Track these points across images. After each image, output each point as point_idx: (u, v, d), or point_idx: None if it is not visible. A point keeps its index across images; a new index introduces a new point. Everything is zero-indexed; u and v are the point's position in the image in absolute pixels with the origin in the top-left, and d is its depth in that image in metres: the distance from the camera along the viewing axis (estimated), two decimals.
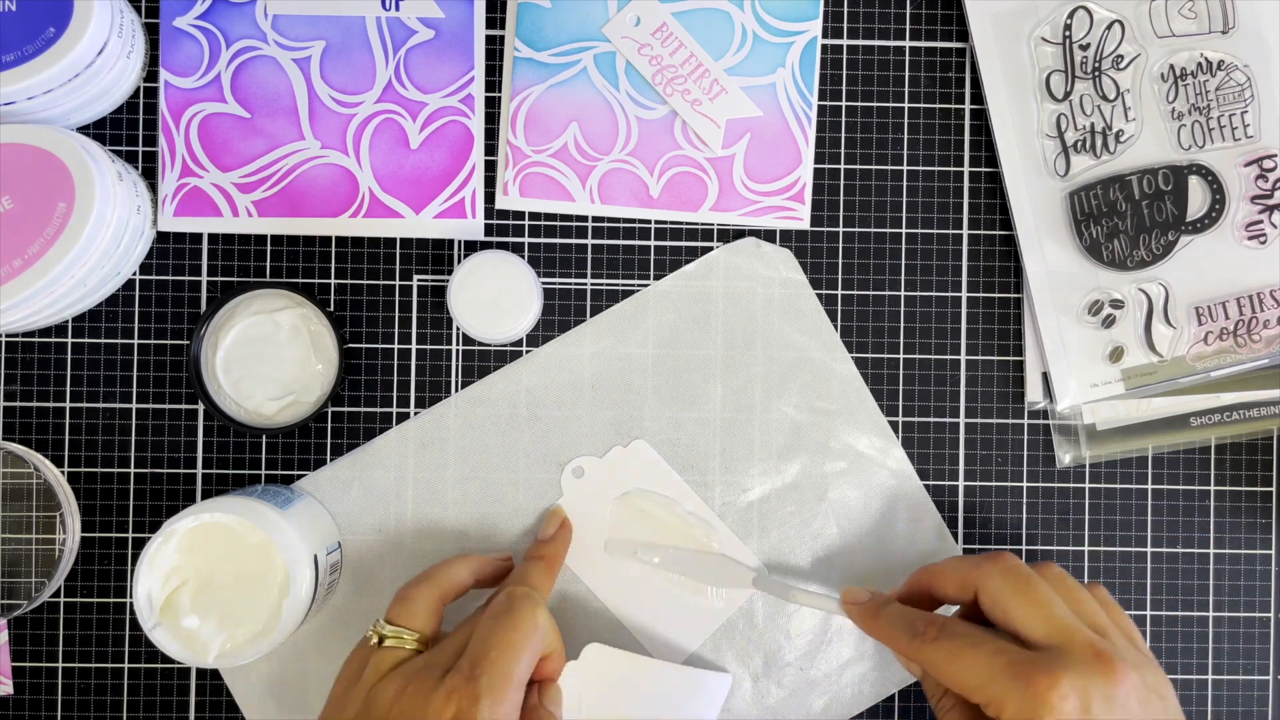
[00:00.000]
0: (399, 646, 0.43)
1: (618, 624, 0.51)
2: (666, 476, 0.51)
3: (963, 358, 0.52)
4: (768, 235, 0.52)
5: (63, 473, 0.51)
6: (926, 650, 0.41)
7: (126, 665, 0.51)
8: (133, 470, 0.51)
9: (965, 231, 0.53)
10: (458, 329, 0.52)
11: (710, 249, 0.52)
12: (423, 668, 0.41)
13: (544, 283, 0.52)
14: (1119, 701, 0.38)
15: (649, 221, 0.52)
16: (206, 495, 0.51)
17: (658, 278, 0.52)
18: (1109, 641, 0.41)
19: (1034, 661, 0.39)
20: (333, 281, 0.52)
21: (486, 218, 0.52)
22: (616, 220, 0.52)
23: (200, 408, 0.51)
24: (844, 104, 0.52)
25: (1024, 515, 0.52)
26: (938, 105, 0.53)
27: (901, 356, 0.52)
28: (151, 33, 0.51)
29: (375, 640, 0.43)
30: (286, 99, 0.51)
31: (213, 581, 0.44)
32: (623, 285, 0.52)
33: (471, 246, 0.52)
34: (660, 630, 0.51)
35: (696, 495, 0.51)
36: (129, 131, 0.51)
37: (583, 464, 0.51)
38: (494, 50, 0.52)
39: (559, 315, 0.52)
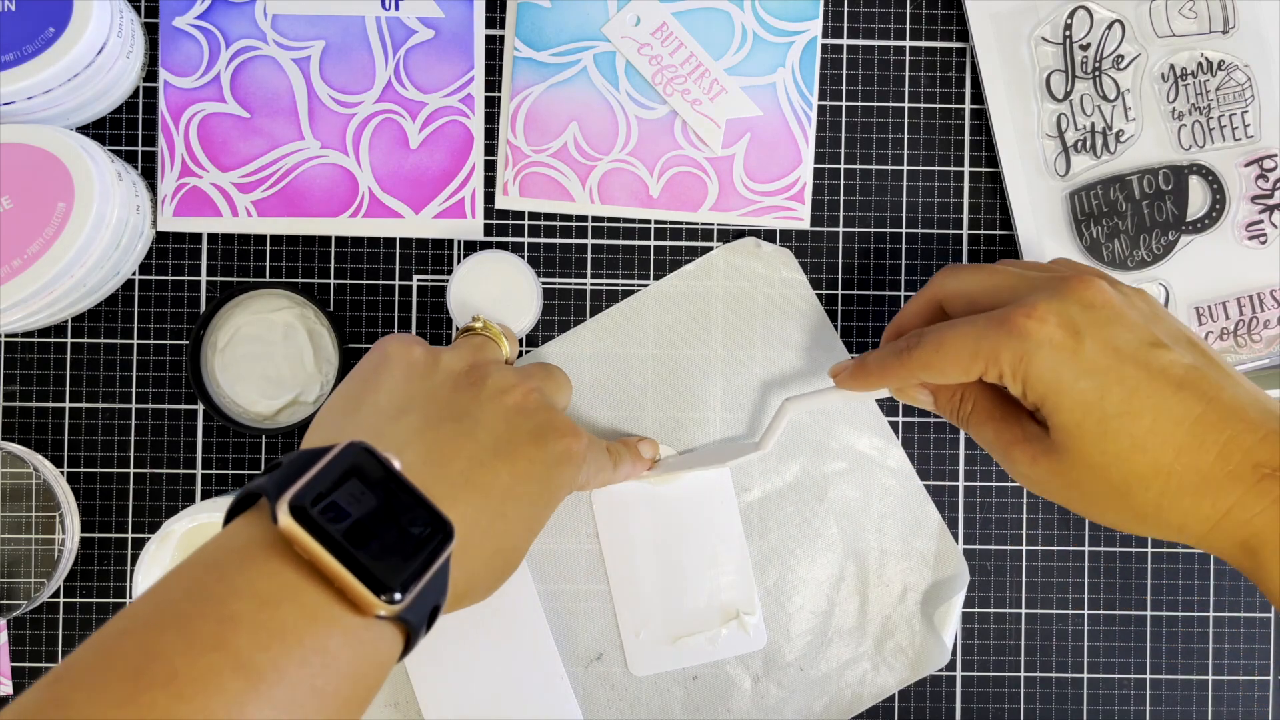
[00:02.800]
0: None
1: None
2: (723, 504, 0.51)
3: None
4: (768, 235, 0.52)
5: (62, 473, 0.51)
6: (916, 357, 0.41)
7: None
8: (132, 470, 0.51)
9: (965, 231, 0.53)
10: (457, 329, 0.52)
11: (710, 249, 0.52)
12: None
13: (544, 283, 0.52)
14: (1099, 308, 0.38)
15: (649, 221, 0.52)
16: (206, 495, 0.51)
17: (658, 278, 0.52)
18: (1073, 270, 0.41)
19: (1008, 308, 0.39)
20: (332, 281, 0.52)
21: (486, 218, 0.52)
22: (616, 220, 0.52)
23: (200, 408, 0.51)
24: (844, 104, 0.52)
25: (1024, 515, 0.52)
26: (938, 105, 0.53)
27: None
28: (151, 32, 0.51)
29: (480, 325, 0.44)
30: (286, 99, 0.51)
31: None
32: (623, 285, 0.52)
33: (471, 246, 0.52)
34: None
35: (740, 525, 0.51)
36: (128, 131, 0.51)
37: (663, 450, 0.51)
38: (494, 50, 0.52)
39: (559, 315, 0.52)
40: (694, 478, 0.51)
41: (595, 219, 0.52)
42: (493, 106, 0.52)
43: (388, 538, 0.31)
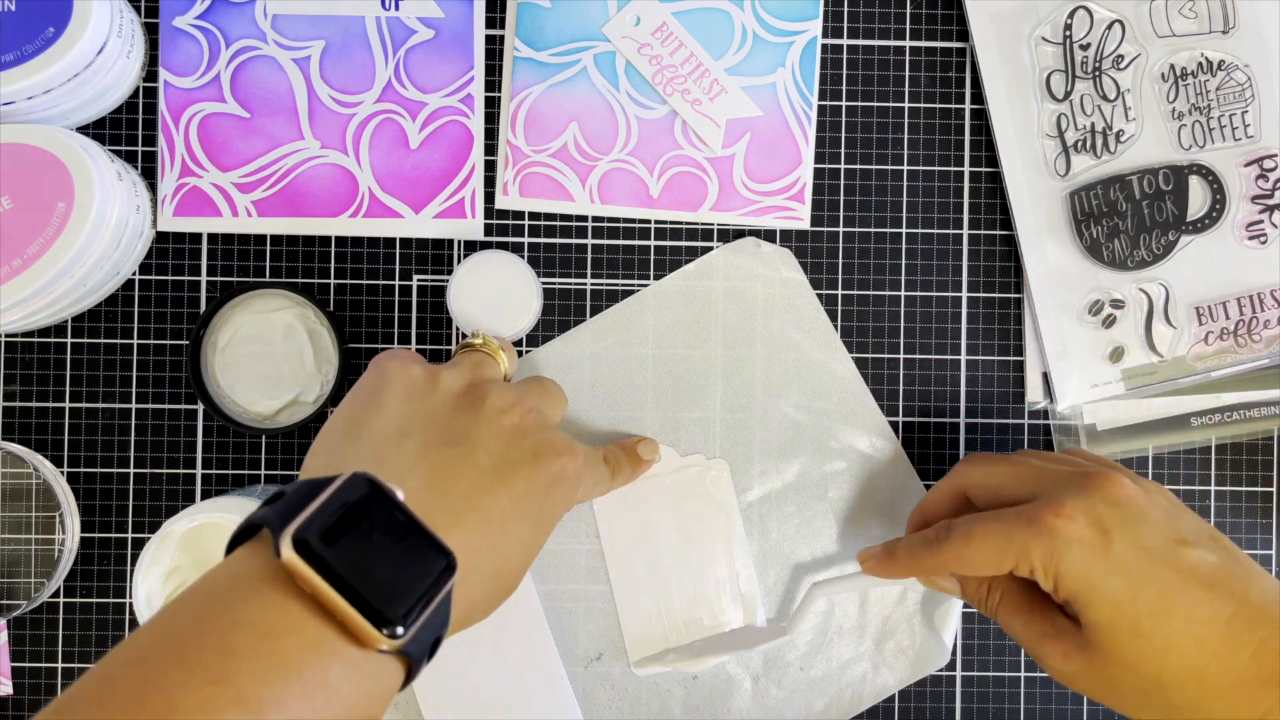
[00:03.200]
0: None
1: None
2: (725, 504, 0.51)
3: (963, 358, 0.52)
4: (768, 235, 0.52)
5: (62, 473, 0.51)
6: (945, 551, 0.41)
7: None
8: (132, 470, 0.51)
9: (965, 231, 0.53)
10: (458, 329, 0.52)
11: (710, 249, 0.52)
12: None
13: (544, 283, 0.52)
14: (1124, 505, 0.39)
15: (649, 221, 0.52)
16: (206, 495, 0.51)
17: (658, 278, 0.52)
18: (1093, 466, 0.42)
19: (1037, 505, 0.40)
20: (332, 281, 0.52)
21: (486, 218, 0.52)
22: (616, 220, 0.52)
23: (200, 408, 0.51)
24: (844, 104, 0.52)
25: None
26: (938, 105, 0.53)
27: (901, 356, 0.52)
28: (151, 32, 0.51)
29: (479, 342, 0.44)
30: (286, 99, 0.51)
31: None
32: (623, 285, 0.52)
33: (471, 246, 0.52)
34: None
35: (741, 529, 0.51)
36: (128, 131, 0.51)
37: (662, 449, 0.51)
38: (494, 50, 0.52)
39: (559, 315, 0.52)
40: (692, 473, 0.51)
41: (595, 219, 0.52)
42: (493, 106, 0.52)
43: (391, 571, 0.31)
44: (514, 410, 0.39)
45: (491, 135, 0.52)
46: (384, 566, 0.31)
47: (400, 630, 0.30)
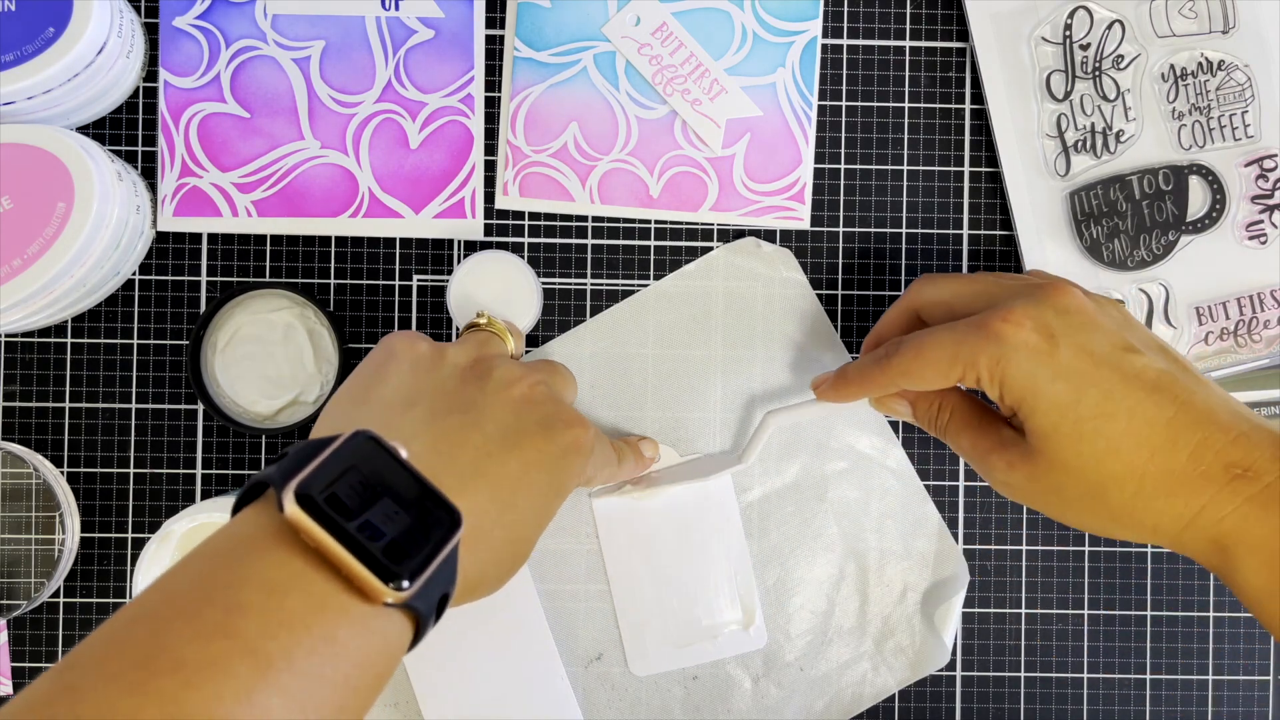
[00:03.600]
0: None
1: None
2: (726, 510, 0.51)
3: None
4: (768, 235, 0.52)
5: (62, 473, 0.51)
6: (895, 364, 0.41)
7: None
8: (132, 470, 0.51)
9: (965, 231, 0.53)
10: (458, 329, 0.52)
11: (710, 249, 0.52)
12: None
13: (544, 283, 0.52)
14: (1073, 313, 0.39)
15: (649, 221, 0.52)
16: (206, 495, 0.51)
17: (658, 278, 0.52)
18: (1047, 279, 0.42)
19: (985, 313, 0.40)
20: (332, 281, 0.52)
21: (486, 218, 0.52)
22: (616, 220, 0.52)
23: (200, 408, 0.51)
24: (844, 104, 0.52)
25: (1024, 515, 0.52)
26: (938, 105, 0.53)
27: None
28: (151, 32, 0.51)
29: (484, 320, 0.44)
30: (286, 99, 0.51)
31: None
32: (623, 285, 0.52)
33: (471, 246, 0.52)
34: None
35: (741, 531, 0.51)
36: (128, 131, 0.51)
37: (663, 450, 0.51)
38: (494, 50, 0.52)
39: (559, 315, 0.52)
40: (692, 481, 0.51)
41: (595, 219, 0.52)
42: (493, 106, 0.52)
43: (395, 525, 0.31)
44: (522, 382, 0.39)
45: (491, 135, 0.52)
46: (388, 522, 0.30)
47: (406, 584, 0.30)
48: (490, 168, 0.52)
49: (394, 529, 0.30)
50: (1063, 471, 0.38)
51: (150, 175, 0.51)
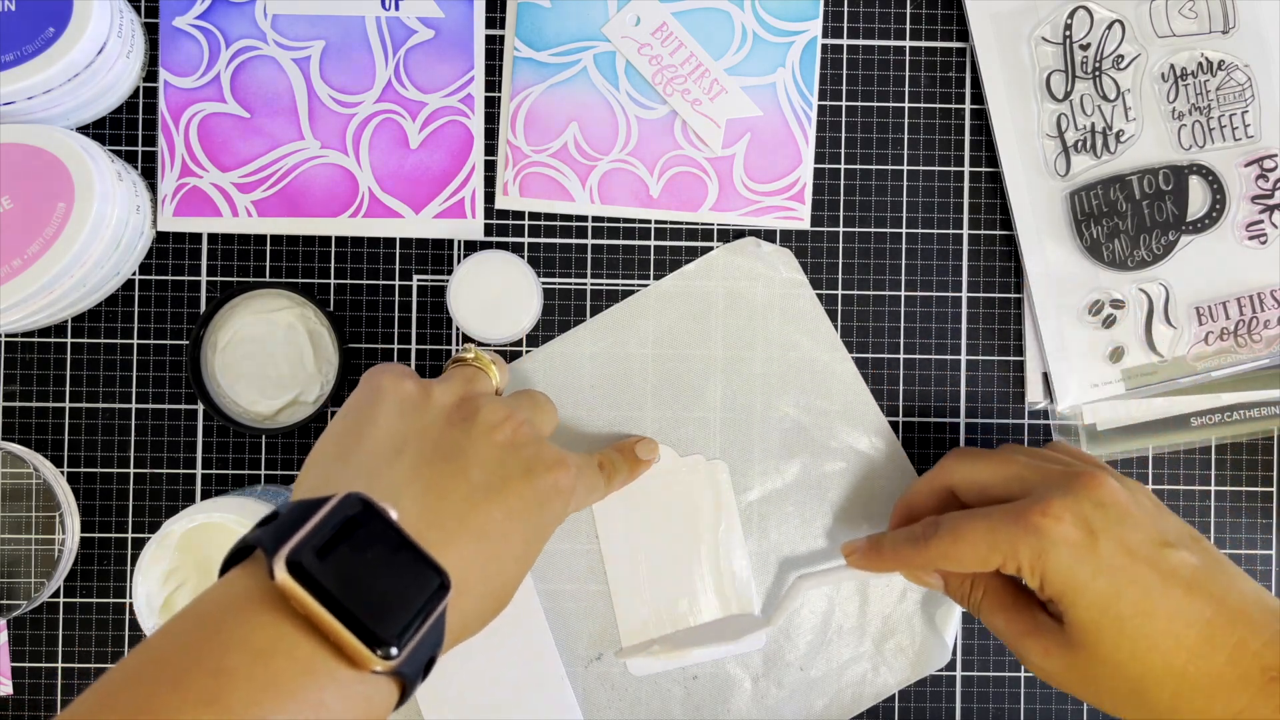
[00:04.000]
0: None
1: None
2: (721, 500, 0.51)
3: (963, 358, 0.52)
4: (768, 235, 0.52)
5: (62, 473, 0.51)
6: (933, 547, 0.42)
7: None
8: (132, 470, 0.51)
9: (965, 231, 0.53)
10: (458, 329, 0.52)
11: (710, 249, 0.52)
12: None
13: (544, 283, 0.52)
14: (1110, 506, 0.40)
15: (649, 221, 0.52)
16: (206, 495, 0.51)
17: (658, 278, 0.52)
18: (1079, 466, 0.42)
19: (1025, 503, 0.40)
20: (332, 281, 0.52)
21: (486, 218, 0.52)
22: (616, 220, 0.52)
23: (200, 408, 0.51)
24: (844, 104, 0.52)
25: None
26: (938, 105, 0.53)
27: (902, 356, 0.52)
28: (151, 33, 0.51)
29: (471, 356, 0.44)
30: (286, 99, 0.51)
31: (212, 582, 0.44)
32: (623, 285, 0.52)
33: (471, 246, 0.52)
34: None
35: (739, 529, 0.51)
36: (129, 131, 0.51)
37: (661, 449, 0.51)
38: (494, 50, 0.52)
39: (559, 315, 0.52)
40: (689, 471, 0.51)
41: (595, 219, 0.52)
42: (493, 106, 0.52)
43: (385, 591, 0.31)
44: (506, 425, 0.39)
45: (491, 135, 0.52)
46: (377, 587, 0.31)
47: (394, 651, 0.30)
48: (490, 168, 0.52)
49: (384, 595, 0.31)
50: (1102, 665, 0.39)
51: (150, 175, 0.51)
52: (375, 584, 0.31)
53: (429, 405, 0.39)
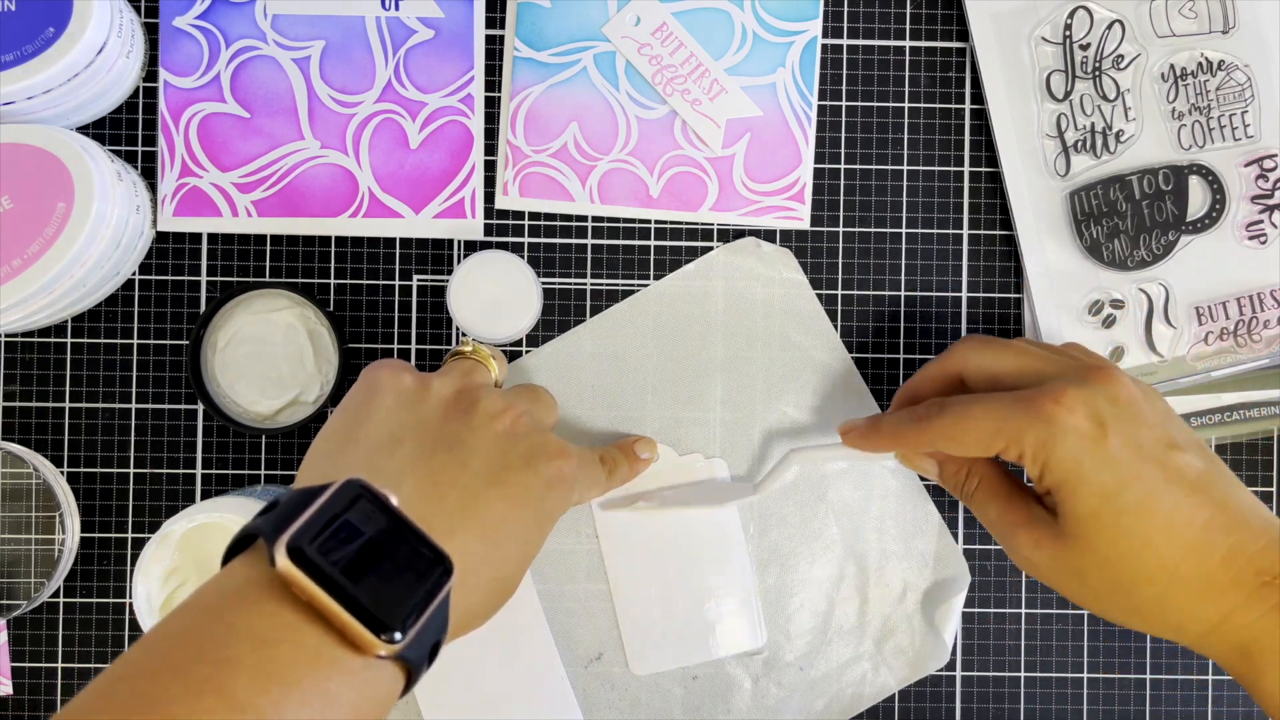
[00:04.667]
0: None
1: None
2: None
3: None
4: (768, 235, 0.52)
5: (62, 473, 0.51)
6: (935, 427, 0.41)
7: None
8: (132, 470, 0.51)
9: (965, 231, 0.53)
10: (458, 329, 0.52)
11: (710, 249, 0.52)
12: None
13: (544, 283, 0.52)
14: (1123, 403, 0.39)
15: (649, 221, 0.52)
16: (206, 495, 0.51)
17: (658, 278, 0.52)
18: (1095, 361, 0.42)
19: (1037, 390, 0.39)
20: (332, 281, 0.52)
21: (486, 218, 0.52)
22: (616, 220, 0.52)
23: (200, 408, 0.51)
24: (844, 104, 0.52)
25: None
26: (938, 105, 0.53)
27: (901, 356, 0.52)
28: (151, 32, 0.51)
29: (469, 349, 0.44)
30: (286, 99, 0.51)
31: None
32: (623, 285, 0.52)
33: (471, 246, 0.52)
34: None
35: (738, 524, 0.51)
36: (128, 131, 0.51)
37: (660, 449, 0.51)
38: (494, 50, 0.52)
39: (559, 315, 0.52)
40: (690, 471, 0.51)
41: (595, 219, 0.52)
42: (493, 106, 0.52)
43: (387, 576, 0.30)
44: (506, 415, 0.39)
45: (491, 135, 0.52)
46: (380, 572, 0.30)
47: (398, 636, 0.30)
48: (490, 168, 0.52)
49: (387, 580, 0.30)
50: (1094, 559, 0.39)
51: (150, 175, 0.51)
52: (378, 569, 0.30)
53: (427, 397, 0.39)
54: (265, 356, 0.50)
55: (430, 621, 0.31)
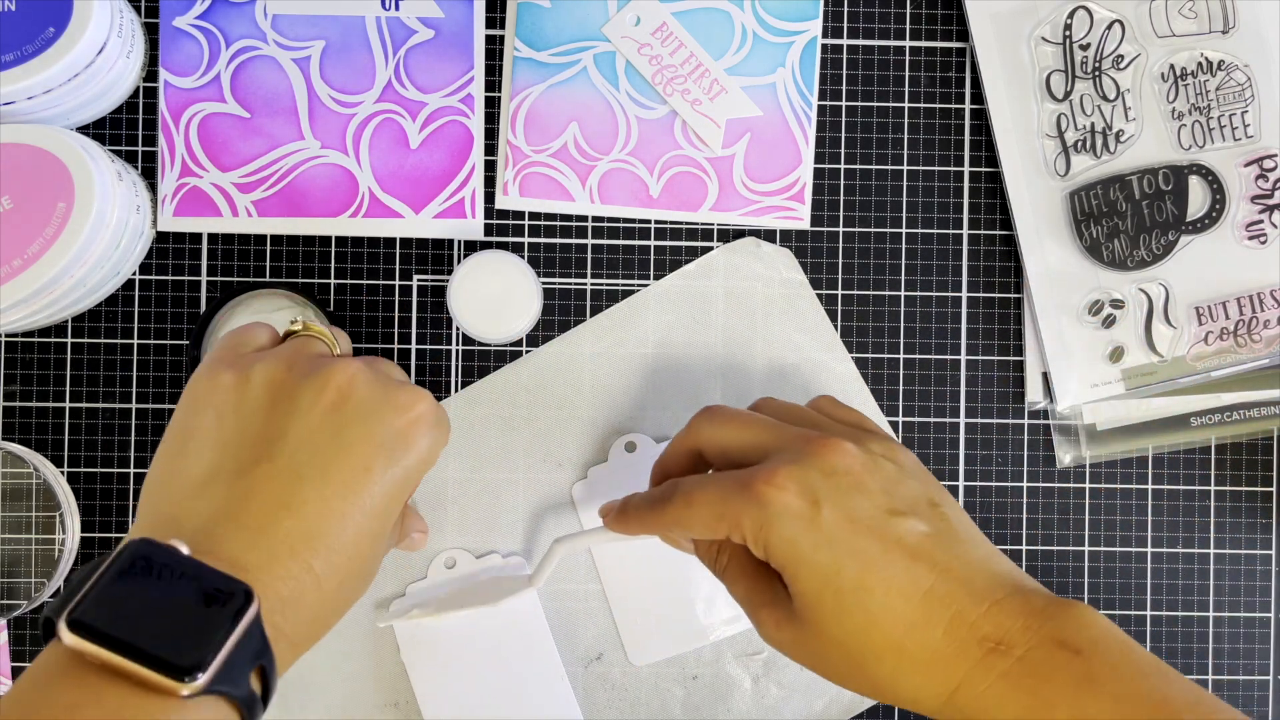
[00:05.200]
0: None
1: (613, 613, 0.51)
2: None
3: (963, 358, 0.52)
4: (768, 235, 0.52)
5: (62, 473, 0.51)
6: (670, 512, 0.40)
7: None
8: (132, 470, 0.51)
9: (965, 231, 0.53)
10: (458, 329, 0.52)
11: (710, 249, 0.52)
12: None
13: (544, 283, 0.52)
14: (840, 474, 0.37)
15: (649, 221, 0.52)
16: None
17: (658, 278, 0.52)
18: (821, 430, 0.40)
19: (751, 471, 0.38)
20: (332, 281, 0.52)
21: (486, 218, 0.52)
22: (616, 220, 0.52)
23: None
24: (844, 104, 0.52)
25: (1024, 515, 0.52)
26: (938, 105, 0.53)
27: (901, 356, 0.52)
28: (151, 32, 0.51)
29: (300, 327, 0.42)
30: (286, 99, 0.51)
31: None
32: (623, 285, 0.52)
33: (471, 246, 0.52)
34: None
35: None
36: (129, 131, 0.51)
37: (636, 440, 0.51)
38: (494, 50, 0.52)
39: (559, 315, 0.52)
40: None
41: (595, 219, 0.52)
42: (493, 106, 0.52)
43: (179, 621, 0.31)
44: (331, 385, 0.38)
45: (491, 135, 0.52)
46: (168, 618, 0.31)
47: (198, 673, 0.30)
48: (490, 168, 0.52)
49: (178, 624, 0.31)
50: (826, 640, 0.37)
51: (150, 175, 0.51)
52: (163, 615, 0.31)
53: (247, 394, 0.38)
54: None
55: (238, 651, 0.32)
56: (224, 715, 0.32)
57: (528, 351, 0.52)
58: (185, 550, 0.33)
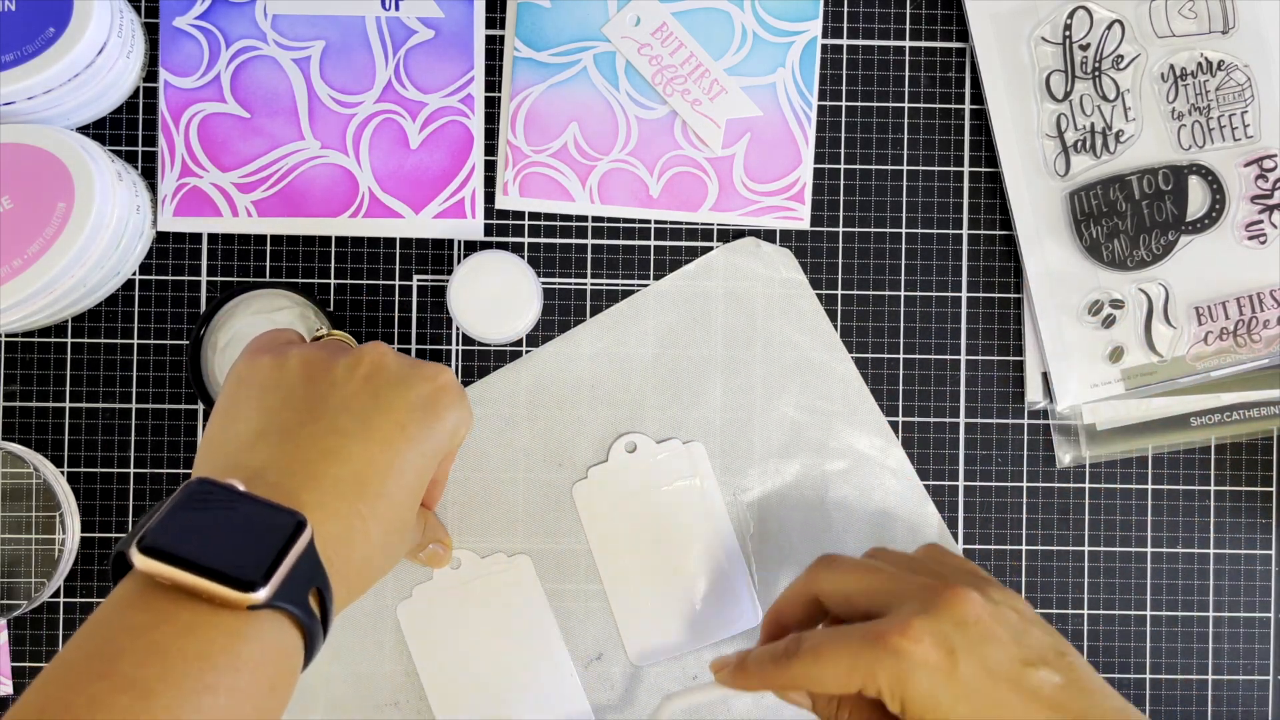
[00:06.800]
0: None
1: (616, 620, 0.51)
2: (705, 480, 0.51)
3: (963, 358, 0.52)
4: (768, 235, 0.52)
5: (62, 473, 0.51)
6: (795, 667, 0.40)
7: None
8: (132, 470, 0.51)
9: (965, 231, 0.53)
10: (458, 329, 0.52)
11: (710, 249, 0.52)
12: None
13: (544, 283, 0.52)
14: (971, 625, 0.38)
15: (649, 221, 0.52)
16: None
17: (657, 278, 0.52)
18: (941, 578, 0.41)
19: (884, 623, 0.38)
20: (332, 281, 0.52)
21: (486, 218, 0.52)
22: (616, 220, 0.52)
23: (200, 408, 0.51)
24: (844, 104, 0.52)
25: (1024, 515, 0.52)
26: (938, 105, 0.53)
27: (901, 356, 0.52)
28: (151, 33, 0.51)
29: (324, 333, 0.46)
30: (286, 99, 0.51)
31: None
32: (623, 285, 0.52)
33: (471, 246, 0.52)
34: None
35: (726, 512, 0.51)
36: (129, 131, 0.51)
37: (636, 440, 0.51)
38: (494, 50, 0.52)
39: (559, 315, 0.52)
40: (672, 456, 0.51)
41: (595, 219, 0.52)
42: (493, 106, 0.52)
43: (240, 542, 0.33)
44: (367, 356, 0.41)
45: (491, 135, 0.52)
46: (230, 540, 0.33)
47: (260, 586, 0.32)
48: (490, 168, 0.52)
49: (240, 545, 0.33)
50: None
51: (150, 175, 0.51)
52: (225, 538, 0.33)
53: (286, 367, 0.40)
54: None
55: (296, 569, 0.34)
56: (288, 637, 0.34)
57: (528, 351, 0.52)
58: (241, 487, 0.35)
